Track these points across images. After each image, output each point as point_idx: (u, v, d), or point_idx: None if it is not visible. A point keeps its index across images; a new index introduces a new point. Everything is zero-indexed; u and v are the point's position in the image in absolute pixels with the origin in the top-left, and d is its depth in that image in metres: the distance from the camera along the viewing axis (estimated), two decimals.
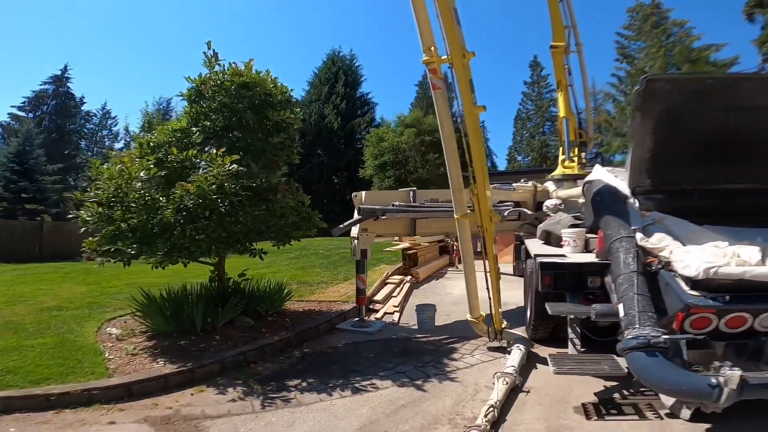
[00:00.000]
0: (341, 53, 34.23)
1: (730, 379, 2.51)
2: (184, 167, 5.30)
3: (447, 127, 4.65)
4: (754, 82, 3.63)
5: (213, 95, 5.75)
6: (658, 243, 3.40)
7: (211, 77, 5.85)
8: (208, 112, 5.82)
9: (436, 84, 4.44)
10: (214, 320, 5.45)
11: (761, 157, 3.85)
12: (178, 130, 5.74)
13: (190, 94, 5.91)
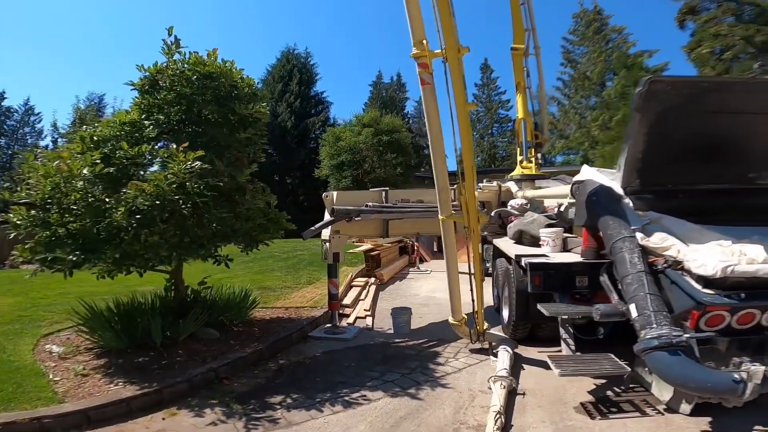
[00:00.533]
0: (296, 51, 33.41)
1: (755, 374, 2.53)
2: (136, 164, 4.75)
3: (436, 125, 4.48)
4: (743, 86, 3.78)
5: (171, 85, 5.19)
6: (661, 243, 3.43)
7: (170, 66, 5.31)
8: (162, 104, 5.26)
9: (425, 79, 4.23)
10: (174, 334, 4.92)
11: (746, 158, 4.04)
12: (128, 123, 5.13)
13: (143, 83, 5.32)
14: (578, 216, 4.35)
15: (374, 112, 22.85)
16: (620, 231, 3.54)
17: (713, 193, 4.21)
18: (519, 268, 5.40)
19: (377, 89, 44.73)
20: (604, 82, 30.86)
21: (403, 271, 13.76)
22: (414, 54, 4.12)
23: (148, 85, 5.31)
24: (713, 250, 3.07)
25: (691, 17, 26.26)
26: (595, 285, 4.43)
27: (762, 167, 4.19)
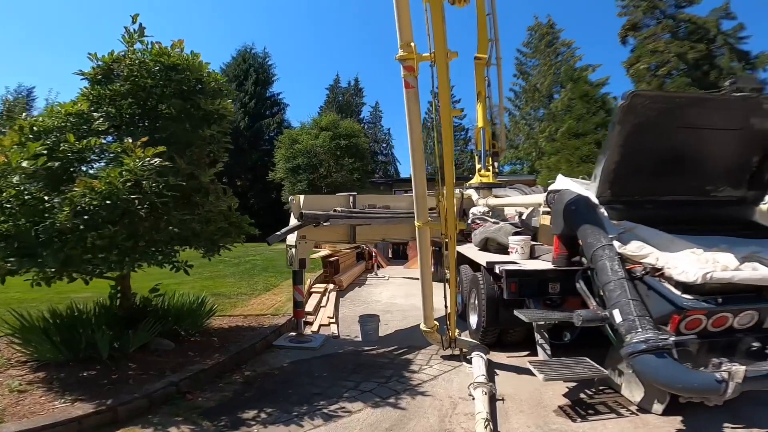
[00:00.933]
0: (254, 50, 32.42)
1: (736, 373, 2.67)
2: (83, 159, 4.29)
3: (417, 130, 4.44)
4: (712, 103, 4.07)
5: (129, 76, 4.76)
6: (639, 251, 3.57)
7: (128, 55, 4.88)
8: (115, 95, 4.81)
9: (410, 83, 4.16)
10: (123, 346, 4.48)
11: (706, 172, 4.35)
12: (74, 113, 4.63)
13: (95, 73, 4.85)
14: (555, 224, 4.46)
15: (332, 115, 22.63)
16: (600, 239, 3.66)
17: (676, 204, 4.49)
18: (489, 275, 5.46)
19: (334, 93, 44.45)
20: (552, 94, 32.49)
21: (361, 277, 13.61)
22: (400, 56, 4.04)
23: (101, 74, 4.85)
24: (690, 258, 3.24)
25: (633, 33, 28.22)
26: (565, 291, 4.57)
27: (719, 181, 4.53)
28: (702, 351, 3.16)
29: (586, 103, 24.47)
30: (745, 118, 4.08)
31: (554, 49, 33.83)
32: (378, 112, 51.70)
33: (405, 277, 13.45)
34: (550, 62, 33.34)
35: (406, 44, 4.01)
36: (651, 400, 3.46)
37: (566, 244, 4.64)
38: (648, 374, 2.90)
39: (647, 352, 2.86)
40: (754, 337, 3.17)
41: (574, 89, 25.35)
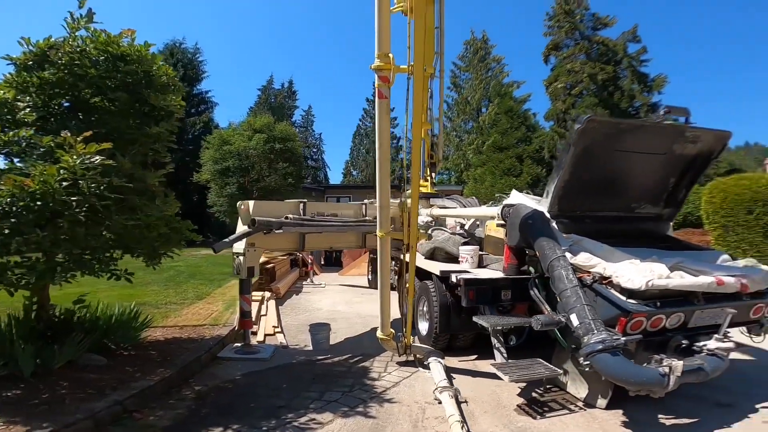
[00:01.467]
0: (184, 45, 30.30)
1: (676, 367, 3.07)
2: (12, 154, 3.79)
3: (386, 142, 4.50)
4: (646, 131, 4.65)
5: (69, 64, 4.26)
6: (587, 261, 3.95)
7: (69, 42, 4.37)
8: (44, 84, 4.29)
9: (384, 93, 4.22)
10: (47, 362, 3.97)
11: (634, 191, 4.95)
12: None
13: (26, 59, 4.28)
14: (510, 237, 4.76)
15: (267, 118, 21.82)
16: (555, 251, 3.99)
17: (608, 219, 5.06)
18: (441, 283, 5.66)
19: (266, 94, 43.08)
20: (480, 108, 34.26)
21: (297, 284, 13.28)
22: (376, 65, 4.09)
23: (33, 60, 4.28)
24: (632, 268, 3.68)
25: (555, 53, 30.54)
26: (515, 298, 4.90)
27: (642, 199, 5.17)
28: (640, 349, 3.59)
29: (510, 118, 26.04)
30: (670, 144, 4.75)
31: (486, 64, 35.66)
32: (310, 116, 51.21)
33: (341, 284, 13.39)
34: (481, 77, 35.08)
35: (384, 54, 4.06)
36: (595, 396, 3.83)
37: (517, 255, 4.99)
38: (605, 371, 3.23)
39: (603, 351, 3.19)
40: (681, 336, 3.68)
41: (501, 104, 26.92)
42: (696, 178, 5.07)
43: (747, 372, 4.76)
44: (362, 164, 42.73)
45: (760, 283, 3.76)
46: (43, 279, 3.67)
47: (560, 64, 29.41)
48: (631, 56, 27.97)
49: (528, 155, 24.28)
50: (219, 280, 11.75)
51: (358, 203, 7.97)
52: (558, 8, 29.98)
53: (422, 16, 3.83)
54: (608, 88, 27.72)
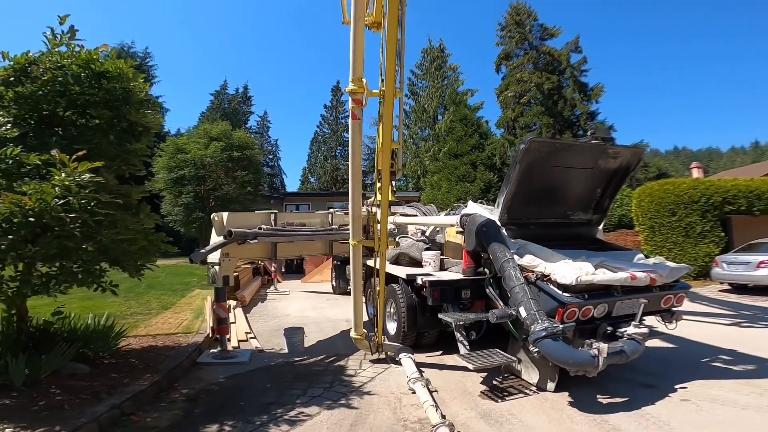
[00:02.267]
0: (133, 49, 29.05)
1: (602, 350, 3.76)
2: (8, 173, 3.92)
3: (358, 159, 4.98)
4: (577, 149, 5.44)
5: (51, 80, 4.40)
6: (531, 262, 4.61)
7: (47, 57, 4.50)
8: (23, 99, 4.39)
9: (357, 114, 4.70)
10: (34, 372, 4.10)
11: (569, 201, 5.73)
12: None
13: (7, 74, 4.38)
14: (468, 242, 5.37)
15: (224, 125, 21.49)
16: (505, 254, 4.63)
17: (548, 225, 5.82)
18: (407, 286, 6.18)
19: (219, 99, 42.02)
20: (437, 115, 35.14)
21: (261, 292, 13.39)
22: (351, 89, 4.56)
23: (11, 76, 4.38)
24: (566, 266, 4.37)
25: (506, 62, 31.79)
26: (474, 297, 5.52)
27: (575, 207, 5.97)
28: (576, 336, 4.28)
29: (465, 126, 27.03)
30: (595, 160, 5.57)
31: (442, 73, 36.67)
32: (266, 122, 50.47)
33: (306, 291, 13.64)
34: (437, 85, 36.04)
35: (358, 79, 4.54)
36: (545, 381, 4.48)
37: (474, 258, 5.62)
38: (549, 354, 3.86)
39: (547, 338, 3.82)
40: (607, 324, 4.42)
41: (456, 112, 27.90)
42: (618, 188, 5.96)
43: (668, 358, 5.61)
44: (320, 171, 42.66)
45: (667, 278, 4.58)
46: (38, 292, 3.81)
47: (510, 74, 30.71)
48: (573, 66, 29.64)
49: (481, 162, 25.46)
50: (181, 291, 11.68)
51: (325, 212, 8.36)
52: (509, 18, 31.38)
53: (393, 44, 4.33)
54: (553, 96, 29.32)
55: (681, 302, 4.84)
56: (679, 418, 3.70)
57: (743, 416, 3.70)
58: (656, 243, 13.17)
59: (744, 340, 6.26)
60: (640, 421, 3.67)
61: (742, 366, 5.14)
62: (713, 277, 11.46)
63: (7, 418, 3.25)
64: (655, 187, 13.63)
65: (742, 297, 10.24)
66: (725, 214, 12.77)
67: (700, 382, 4.55)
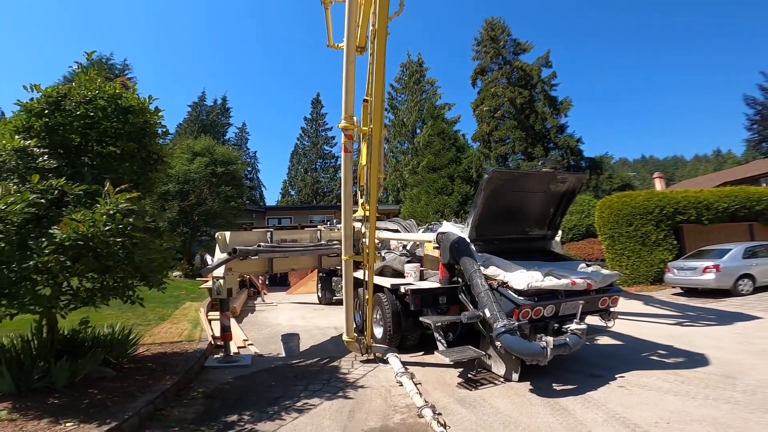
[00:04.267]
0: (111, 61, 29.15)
1: (549, 342, 4.66)
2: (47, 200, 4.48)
3: (349, 187, 5.80)
4: (531, 176, 6.44)
5: (84, 115, 5.02)
6: (493, 272, 5.49)
7: (76, 90, 5.12)
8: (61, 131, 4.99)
9: (348, 148, 5.53)
10: (72, 375, 4.71)
11: (527, 219, 6.69)
12: (19, 149, 4.73)
13: (40, 106, 4.97)
14: (443, 256, 6.24)
15: (207, 140, 21.95)
16: (473, 266, 5.52)
17: (510, 240, 6.76)
18: (392, 294, 6.99)
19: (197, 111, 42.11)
20: (416, 129, 36.03)
21: (249, 303, 13.94)
22: (343, 126, 5.40)
23: (47, 108, 4.97)
24: (521, 275, 5.27)
25: (481, 77, 32.91)
26: (450, 302, 6.36)
27: (532, 225, 6.93)
28: (530, 332, 5.16)
29: (442, 140, 28.06)
30: (547, 185, 6.55)
31: (420, 87, 37.66)
32: (245, 133, 50.63)
33: (292, 302, 14.28)
34: (416, 98, 37.00)
35: (350, 117, 5.38)
36: (510, 372, 5.34)
37: (449, 270, 6.49)
38: (508, 346, 4.73)
39: (505, 333, 4.70)
40: (554, 322, 5.30)
41: (434, 126, 28.92)
42: (567, 207, 6.97)
43: (614, 353, 6.55)
44: (300, 184, 43.08)
45: (601, 283, 5.53)
46: (86, 303, 4.45)
47: (486, 88, 31.99)
48: (544, 81, 31.14)
49: (458, 175, 26.55)
50: (173, 303, 12.13)
51: (313, 229, 9.12)
52: (485, 34, 32.76)
53: (381, 90, 5.15)
54: (525, 111, 30.72)
55: (615, 303, 5.81)
56: (614, 400, 4.57)
57: (663, 399, 4.58)
58: (616, 251, 14.35)
59: (682, 337, 7.27)
60: (583, 403, 4.54)
61: (673, 359, 6.11)
62: (666, 282, 12.65)
63: (65, 414, 3.85)
64: (614, 200, 14.86)
65: (691, 300, 11.40)
66: (677, 223, 14.03)
67: (636, 372, 5.47)
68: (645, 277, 13.78)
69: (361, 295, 8.07)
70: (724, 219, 14.18)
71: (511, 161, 30.69)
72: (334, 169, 42.03)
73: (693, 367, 5.64)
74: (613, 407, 4.37)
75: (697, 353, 6.23)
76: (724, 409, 4.18)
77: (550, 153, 29.63)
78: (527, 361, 4.86)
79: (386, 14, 4.60)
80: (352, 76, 5.32)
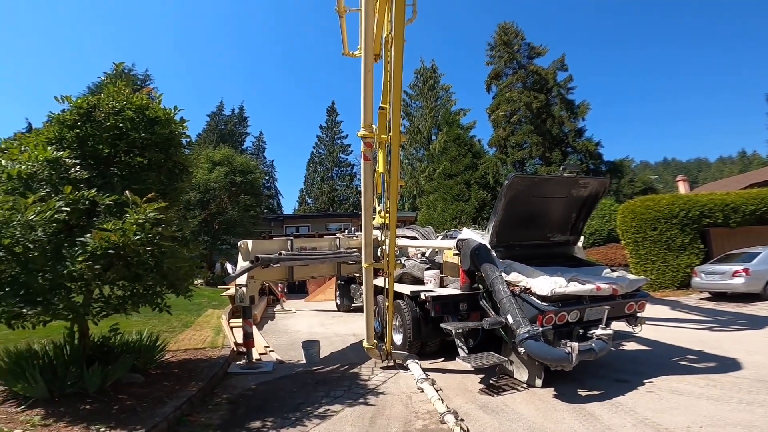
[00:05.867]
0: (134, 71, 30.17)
1: (575, 348, 4.58)
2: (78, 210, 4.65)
3: (369, 194, 5.85)
4: (553, 181, 6.38)
5: (113, 126, 5.18)
6: (516, 278, 5.44)
7: (105, 102, 5.28)
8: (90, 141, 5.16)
9: (368, 156, 5.59)
10: (104, 381, 4.83)
11: (548, 225, 6.61)
12: (51, 160, 4.91)
13: (72, 117, 5.15)
14: (463, 262, 6.22)
15: (227, 150, 22.43)
16: (494, 272, 5.48)
17: (531, 246, 6.68)
18: (412, 301, 6.98)
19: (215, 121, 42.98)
20: (431, 136, 35.87)
21: (268, 311, 14.09)
22: (362, 134, 5.45)
23: (78, 119, 5.14)
24: (544, 281, 5.21)
25: (496, 82, 32.67)
26: (470, 309, 6.33)
27: (554, 230, 6.85)
28: (555, 338, 5.08)
29: (458, 146, 27.86)
30: (569, 190, 6.47)
31: (435, 93, 37.50)
32: (262, 142, 51.42)
33: (311, 309, 14.37)
34: (431, 105, 36.86)
35: (368, 125, 5.43)
36: (533, 378, 5.27)
37: (469, 276, 6.45)
38: (531, 352, 4.67)
39: (529, 338, 4.64)
40: (579, 327, 5.21)
41: (449, 132, 28.77)
42: (590, 212, 6.86)
43: (641, 358, 6.39)
44: (317, 192, 43.38)
45: (627, 288, 5.42)
46: (118, 310, 4.58)
47: (501, 93, 31.67)
48: (560, 84, 30.73)
49: (475, 181, 26.38)
50: (196, 310, 12.35)
51: (332, 237, 9.19)
52: (498, 38, 32.56)
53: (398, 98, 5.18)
54: (542, 115, 30.31)
55: (642, 308, 5.68)
56: (642, 405, 4.47)
57: (695, 403, 4.47)
58: (640, 256, 14.02)
59: (712, 342, 7.06)
60: (611, 408, 4.44)
61: (704, 363, 5.93)
62: (693, 287, 12.30)
63: (96, 420, 3.95)
64: (636, 204, 14.55)
65: (720, 304, 11.05)
66: (703, 227, 13.66)
67: (665, 377, 5.34)
68: (671, 282, 13.43)
69: (380, 303, 8.09)
70: (752, 222, 13.75)
71: (529, 166, 30.35)
72: (350, 177, 42.21)
73: (725, 371, 5.47)
74: (642, 412, 4.27)
75: (728, 357, 6.04)
76: (758, 413, 4.05)
77: (568, 157, 29.20)
78: (552, 366, 4.79)
79: (402, 21, 4.66)
80: (370, 85, 5.38)
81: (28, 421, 3.80)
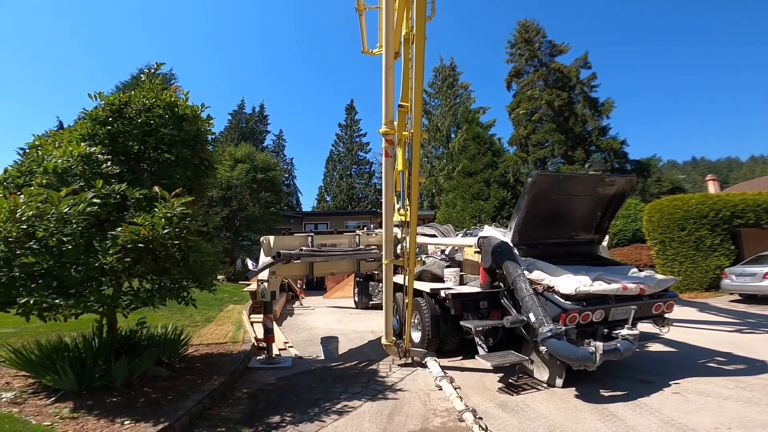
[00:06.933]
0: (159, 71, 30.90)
1: (599, 347, 4.49)
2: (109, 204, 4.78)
3: (390, 191, 5.85)
4: (577, 179, 6.24)
5: (144, 123, 5.30)
6: (538, 276, 5.37)
7: (136, 99, 5.41)
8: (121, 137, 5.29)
9: (389, 153, 5.59)
10: (130, 374, 4.96)
11: (572, 223, 6.48)
12: (85, 155, 5.06)
13: (105, 114, 5.29)
14: (485, 260, 6.16)
15: (248, 147, 22.78)
16: (517, 270, 5.41)
17: (554, 244, 6.56)
18: (431, 299, 6.94)
19: (237, 119, 43.66)
20: (450, 134, 35.63)
21: (287, 307, 14.25)
22: (384, 131, 5.46)
23: (111, 115, 5.27)
24: (568, 279, 5.11)
25: (516, 80, 32.22)
26: (491, 307, 6.27)
27: (578, 229, 6.71)
28: (579, 338, 4.98)
29: (478, 144, 27.60)
30: (594, 188, 6.33)
31: (454, 91, 37.24)
32: (281, 140, 52.02)
33: (329, 306, 14.47)
34: (450, 103, 36.63)
35: (390, 122, 5.43)
36: (554, 378, 5.19)
37: (490, 274, 6.39)
38: (554, 351, 4.59)
39: (552, 337, 4.56)
40: (604, 327, 5.09)
41: (469, 130, 28.53)
42: (616, 211, 6.70)
43: (667, 359, 6.24)
44: (336, 190, 43.61)
45: (655, 288, 5.27)
46: (146, 303, 4.70)
47: (521, 91, 31.25)
48: (583, 82, 30.09)
49: (494, 180, 26.08)
50: (217, 305, 12.59)
51: (352, 234, 9.22)
52: (518, 36, 32.07)
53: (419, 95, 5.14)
54: (564, 113, 29.76)
55: (670, 309, 5.51)
56: (668, 407, 4.36)
57: (723, 405, 4.33)
58: (667, 257, 13.64)
59: (742, 344, 6.83)
60: (634, 409, 4.34)
61: (733, 366, 5.74)
62: (723, 289, 11.90)
63: (121, 413, 4.05)
64: (664, 203, 14.15)
65: (750, 306, 10.68)
66: (734, 227, 13.20)
67: (692, 379, 5.19)
68: (699, 283, 13.02)
69: (398, 300, 8.09)
70: None
71: (551, 165, 29.81)
72: (368, 175, 42.32)
73: (755, 373, 5.31)
74: (667, 413, 4.17)
75: (758, 360, 5.85)
76: None
77: (591, 156, 28.57)
78: (574, 366, 4.70)
79: (424, 18, 4.63)
80: (391, 82, 5.38)
81: (56, 414, 3.92)
